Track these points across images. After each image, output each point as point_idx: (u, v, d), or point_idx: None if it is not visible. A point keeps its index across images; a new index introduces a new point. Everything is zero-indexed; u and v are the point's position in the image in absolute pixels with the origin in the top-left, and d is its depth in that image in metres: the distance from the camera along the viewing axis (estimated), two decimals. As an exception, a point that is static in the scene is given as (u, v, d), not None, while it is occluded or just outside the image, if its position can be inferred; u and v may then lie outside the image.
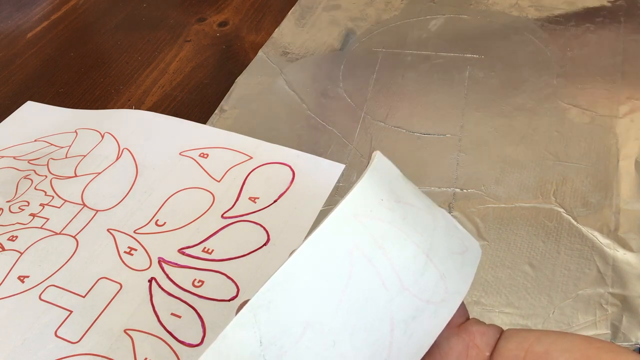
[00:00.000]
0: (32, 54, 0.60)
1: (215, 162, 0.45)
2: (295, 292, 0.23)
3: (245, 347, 0.22)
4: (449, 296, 0.24)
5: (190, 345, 0.34)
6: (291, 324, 0.23)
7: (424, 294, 0.24)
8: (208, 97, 0.52)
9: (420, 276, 0.24)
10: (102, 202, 0.43)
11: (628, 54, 0.49)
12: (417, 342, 0.23)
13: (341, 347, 0.23)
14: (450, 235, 0.26)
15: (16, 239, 0.41)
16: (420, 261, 0.24)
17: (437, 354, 0.25)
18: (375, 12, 0.59)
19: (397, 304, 0.23)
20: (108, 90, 0.54)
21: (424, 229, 0.25)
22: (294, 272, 0.23)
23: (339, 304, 0.23)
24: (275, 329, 0.23)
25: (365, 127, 0.47)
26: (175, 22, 0.62)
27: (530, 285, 0.35)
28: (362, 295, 0.23)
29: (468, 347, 0.25)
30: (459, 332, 0.25)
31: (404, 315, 0.23)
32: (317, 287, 0.23)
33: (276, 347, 0.22)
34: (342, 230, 0.24)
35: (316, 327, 0.23)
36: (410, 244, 0.25)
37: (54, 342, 0.35)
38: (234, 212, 0.41)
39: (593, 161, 0.42)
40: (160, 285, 0.38)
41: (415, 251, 0.24)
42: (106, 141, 0.48)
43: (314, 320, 0.23)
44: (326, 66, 0.53)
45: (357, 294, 0.23)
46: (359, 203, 0.25)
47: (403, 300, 0.24)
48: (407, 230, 0.25)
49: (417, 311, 0.24)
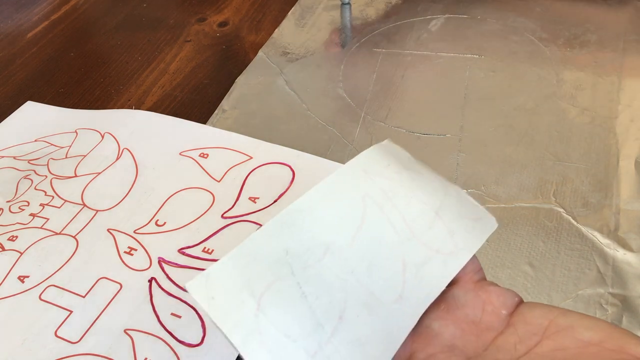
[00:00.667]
0: (32, 54, 0.60)
1: (215, 162, 0.45)
2: (315, 218, 0.25)
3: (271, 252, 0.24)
4: (458, 250, 0.26)
5: (190, 345, 0.34)
6: (313, 245, 0.24)
7: (433, 244, 0.26)
8: (208, 97, 0.52)
9: (429, 229, 0.26)
10: (102, 202, 0.43)
11: (628, 54, 0.49)
12: (427, 286, 0.25)
13: (359, 275, 0.24)
14: (461, 203, 0.28)
15: (16, 239, 0.41)
16: (429, 216, 0.26)
17: (453, 305, 0.25)
18: (375, 12, 0.59)
19: (408, 248, 0.25)
20: (108, 90, 0.54)
21: (433, 193, 0.27)
22: (313, 203, 0.25)
23: (354, 238, 0.25)
24: (299, 245, 0.24)
25: (365, 127, 0.47)
26: (175, 22, 0.62)
27: (530, 285, 0.35)
28: (375, 235, 0.25)
29: (484, 302, 0.25)
30: (475, 288, 0.26)
31: (414, 260, 0.25)
32: (334, 219, 0.25)
33: (301, 260, 0.24)
34: (355, 179, 0.26)
35: (336, 253, 0.24)
36: (417, 202, 0.27)
37: (54, 342, 0.35)
38: (234, 212, 0.41)
39: (593, 161, 0.42)
40: (160, 285, 0.38)
41: (423, 208, 0.26)
42: (106, 141, 0.48)
43: (333, 247, 0.25)
44: (326, 66, 0.53)
45: (371, 234, 0.25)
46: (368, 163, 0.27)
47: (413, 246, 0.25)
48: (415, 190, 0.27)
49: (426, 258, 0.25)
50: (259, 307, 0.22)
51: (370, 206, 0.26)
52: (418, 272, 0.25)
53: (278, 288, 0.23)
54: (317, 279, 0.24)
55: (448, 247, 0.26)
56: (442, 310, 0.25)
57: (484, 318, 0.25)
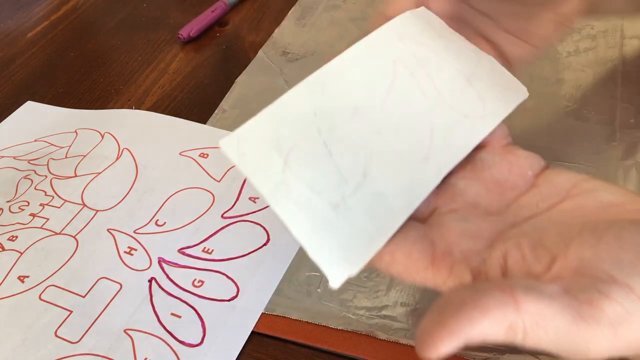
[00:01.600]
0: (32, 54, 0.60)
1: (215, 162, 0.45)
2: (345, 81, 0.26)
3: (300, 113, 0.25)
4: (487, 115, 0.27)
5: (190, 345, 0.34)
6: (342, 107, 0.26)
7: (462, 109, 0.27)
8: (208, 97, 0.52)
9: (459, 94, 0.27)
10: (102, 202, 0.43)
11: (628, 54, 0.49)
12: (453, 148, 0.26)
13: (386, 136, 0.26)
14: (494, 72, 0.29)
15: (16, 239, 0.41)
16: (460, 83, 0.28)
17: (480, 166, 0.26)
18: (375, 12, 0.59)
19: (436, 112, 0.27)
20: (108, 90, 0.54)
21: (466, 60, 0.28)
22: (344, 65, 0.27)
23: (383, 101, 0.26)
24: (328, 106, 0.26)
25: (365, 127, 0.47)
26: (175, 22, 0.62)
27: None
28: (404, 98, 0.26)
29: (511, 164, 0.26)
30: (502, 152, 0.27)
31: (442, 123, 0.26)
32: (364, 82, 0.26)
33: (328, 121, 0.25)
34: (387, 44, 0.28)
35: (364, 115, 0.26)
36: (449, 68, 0.28)
37: (54, 342, 0.35)
38: (234, 212, 0.41)
39: (593, 161, 0.42)
40: (160, 285, 0.38)
41: (454, 74, 0.28)
42: (106, 141, 0.48)
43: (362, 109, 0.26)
44: (326, 66, 0.53)
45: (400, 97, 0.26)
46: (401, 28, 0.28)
47: (442, 110, 0.27)
48: (448, 57, 0.28)
49: (455, 122, 0.27)
50: (286, 164, 0.24)
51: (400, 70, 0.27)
52: (445, 135, 0.26)
53: (305, 146, 0.25)
54: (344, 139, 0.25)
55: (477, 112, 0.27)
56: (468, 170, 0.26)
57: (510, 179, 0.25)
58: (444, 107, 0.27)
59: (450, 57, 0.28)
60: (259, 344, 0.35)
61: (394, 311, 0.35)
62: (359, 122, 0.25)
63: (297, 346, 0.34)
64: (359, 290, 0.36)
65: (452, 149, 0.26)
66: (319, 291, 0.36)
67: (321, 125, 0.25)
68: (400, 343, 0.33)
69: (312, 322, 0.35)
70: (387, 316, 0.35)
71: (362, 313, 0.35)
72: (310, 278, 0.37)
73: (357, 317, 0.35)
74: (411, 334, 0.33)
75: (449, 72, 0.28)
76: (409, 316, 0.34)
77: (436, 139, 0.26)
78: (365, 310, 0.35)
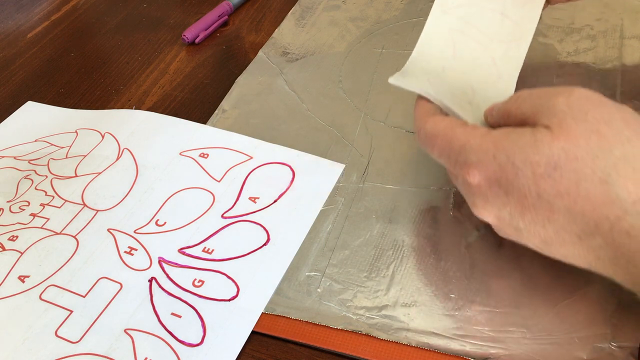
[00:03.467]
0: (33, 54, 0.60)
1: (215, 162, 0.45)
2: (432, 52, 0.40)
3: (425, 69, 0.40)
4: (523, 33, 0.40)
5: (190, 345, 0.34)
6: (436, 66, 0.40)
7: (506, 37, 0.40)
8: (208, 97, 0.52)
9: (500, 27, 0.40)
10: (102, 202, 0.43)
11: (628, 54, 0.49)
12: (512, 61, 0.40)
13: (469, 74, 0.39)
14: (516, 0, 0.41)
15: (16, 238, 0.41)
16: (497, 19, 0.40)
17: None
18: (375, 12, 0.59)
19: (492, 47, 0.40)
20: (108, 91, 0.54)
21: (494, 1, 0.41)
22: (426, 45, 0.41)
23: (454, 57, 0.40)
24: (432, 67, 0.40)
25: (365, 127, 0.47)
26: (175, 22, 0.62)
27: (531, 285, 0.35)
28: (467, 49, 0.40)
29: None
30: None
31: (499, 52, 0.40)
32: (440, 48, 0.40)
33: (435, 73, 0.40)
34: (438, 22, 0.41)
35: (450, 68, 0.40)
36: (486, 12, 0.40)
37: (54, 341, 0.35)
38: (234, 212, 0.41)
39: (593, 161, 0.42)
40: (161, 285, 0.38)
41: (490, 15, 0.40)
42: (106, 141, 0.48)
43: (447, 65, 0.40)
44: (326, 66, 0.53)
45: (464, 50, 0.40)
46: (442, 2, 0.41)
47: (494, 45, 0.40)
48: (481, 4, 0.40)
49: (506, 48, 0.40)
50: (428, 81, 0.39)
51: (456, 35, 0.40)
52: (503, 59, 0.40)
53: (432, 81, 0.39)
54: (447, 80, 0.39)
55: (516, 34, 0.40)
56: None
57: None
58: (494, 43, 0.40)
59: (483, 4, 0.40)
60: (259, 344, 0.35)
61: (394, 311, 0.35)
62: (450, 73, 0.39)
63: (297, 346, 0.34)
64: (359, 290, 0.36)
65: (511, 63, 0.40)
66: (319, 291, 0.36)
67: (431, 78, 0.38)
68: (400, 343, 0.33)
69: (312, 322, 0.35)
70: (387, 316, 0.35)
71: (362, 313, 0.35)
72: (310, 278, 0.37)
73: (357, 317, 0.35)
74: (411, 334, 0.34)
75: (487, 15, 0.40)
76: (409, 316, 0.34)
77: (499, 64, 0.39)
78: (365, 310, 0.35)
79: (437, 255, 0.37)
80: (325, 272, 0.37)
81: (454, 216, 0.39)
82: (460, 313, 0.34)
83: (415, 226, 0.39)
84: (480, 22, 0.40)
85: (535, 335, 0.33)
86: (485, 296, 0.35)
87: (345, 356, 0.33)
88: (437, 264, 0.37)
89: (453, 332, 0.33)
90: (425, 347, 0.33)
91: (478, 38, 0.40)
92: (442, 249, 0.38)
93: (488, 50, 0.40)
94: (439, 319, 0.34)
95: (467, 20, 0.40)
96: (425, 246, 0.38)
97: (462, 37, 0.40)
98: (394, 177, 0.42)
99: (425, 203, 0.40)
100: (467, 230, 0.38)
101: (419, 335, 0.33)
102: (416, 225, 0.39)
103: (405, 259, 0.37)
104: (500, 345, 0.32)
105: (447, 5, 0.41)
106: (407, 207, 0.40)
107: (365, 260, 0.38)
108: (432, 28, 0.41)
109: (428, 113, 0.35)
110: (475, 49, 0.40)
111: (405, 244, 0.38)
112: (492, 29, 0.40)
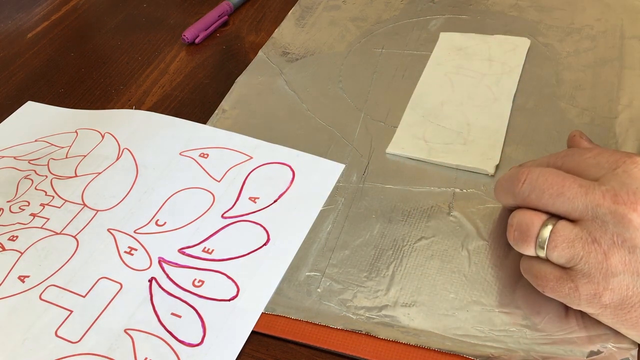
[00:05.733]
0: (33, 54, 0.60)
1: (215, 162, 0.45)
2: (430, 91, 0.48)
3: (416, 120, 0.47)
4: (512, 68, 0.49)
5: (190, 345, 0.34)
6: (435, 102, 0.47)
7: (495, 72, 0.49)
8: (208, 97, 0.52)
9: (489, 67, 0.50)
10: (102, 202, 0.43)
11: (628, 54, 0.50)
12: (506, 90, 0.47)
13: (466, 104, 0.46)
14: (503, 43, 0.52)
15: (16, 238, 0.41)
16: (485, 61, 0.50)
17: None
18: (375, 12, 0.59)
19: (484, 81, 0.48)
20: (108, 91, 0.54)
21: (481, 47, 0.52)
22: (425, 85, 0.49)
23: (453, 91, 0.48)
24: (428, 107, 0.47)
25: (365, 127, 0.47)
26: (175, 22, 0.62)
27: (531, 285, 0.35)
28: (463, 83, 0.48)
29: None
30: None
31: (491, 82, 0.48)
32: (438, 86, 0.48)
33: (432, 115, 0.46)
34: (434, 70, 0.50)
35: (448, 102, 0.47)
36: (476, 60, 0.50)
37: (54, 342, 0.35)
38: (234, 212, 0.41)
39: (593, 161, 0.42)
40: (161, 285, 0.38)
41: (480, 61, 0.50)
42: (106, 141, 0.48)
43: (445, 100, 0.47)
44: (326, 66, 0.53)
45: (461, 85, 0.48)
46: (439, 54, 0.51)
47: (486, 79, 0.48)
48: (471, 55, 0.51)
49: (496, 79, 0.49)
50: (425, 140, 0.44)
51: (451, 75, 0.49)
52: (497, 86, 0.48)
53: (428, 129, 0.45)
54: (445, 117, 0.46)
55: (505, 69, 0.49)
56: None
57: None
58: (487, 76, 0.48)
59: (471, 55, 0.51)
60: (259, 344, 0.35)
61: (394, 311, 0.35)
62: (448, 107, 0.46)
63: (297, 346, 0.34)
64: (359, 290, 0.36)
65: (506, 87, 0.47)
66: (319, 291, 0.36)
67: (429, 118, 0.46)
68: (400, 343, 0.33)
69: (312, 322, 0.35)
70: (387, 316, 0.35)
71: (362, 313, 0.35)
72: (310, 278, 0.37)
73: (357, 317, 0.35)
74: (411, 334, 0.34)
75: (476, 61, 0.50)
76: (409, 316, 0.34)
77: (494, 90, 0.47)
78: (365, 310, 0.35)
79: (437, 255, 0.37)
80: (325, 272, 0.37)
81: (454, 216, 0.39)
82: (460, 313, 0.34)
83: (415, 226, 0.39)
84: (472, 65, 0.50)
85: (535, 335, 0.33)
86: (485, 296, 0.35)
87: (345, 356, 0.34)
88: (437, 264, 0.37)
89: (453, 332, 0.33)
90: (425, 347, 0.33)
91: (472, 75, 0.49)
92: (442, 249, 0.38)
93: (483, 81, 0.48)
94: (439, 319, 0.34)
95: (461, 66, 0.50)
96: (425, 246, 0.38)
97: (458, 77, 0.49)
98: (394, 177, 0.42)
99: (425, 203, 0.40)
100: (467, 230, 0.38)
101: (419, 335, 0.33)
102: (416, 225, 0.39)
103: (405, 259, 0.37)
104: (500, 345, 0.33)
105: (441, 59, 0.51)
106: (407, 207, 0.40)
107: (365, 260, 0.38)
108: (429, 75, 0.49)
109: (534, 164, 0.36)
110: (471, 83, 0.48)
111: (405, 244, 0.38)
112: (483, 70, 0.49)
